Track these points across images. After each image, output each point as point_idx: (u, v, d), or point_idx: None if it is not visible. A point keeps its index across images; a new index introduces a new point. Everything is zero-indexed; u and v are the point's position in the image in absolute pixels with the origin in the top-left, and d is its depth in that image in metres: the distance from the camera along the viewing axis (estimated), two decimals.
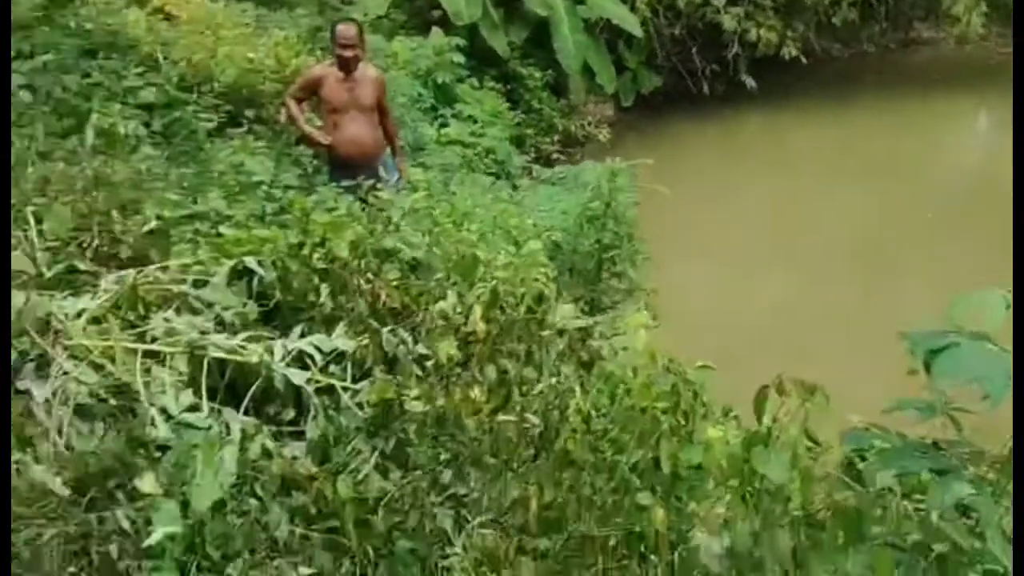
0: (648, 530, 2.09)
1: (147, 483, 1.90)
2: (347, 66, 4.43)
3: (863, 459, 2.64)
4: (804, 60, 9.85)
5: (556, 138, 7.41)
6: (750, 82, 9.67)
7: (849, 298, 5.51)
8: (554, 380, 2.57)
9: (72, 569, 1.80)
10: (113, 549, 1.79)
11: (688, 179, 7.01)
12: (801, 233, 6.43)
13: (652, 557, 1.94)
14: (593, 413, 2.51)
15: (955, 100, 9.79)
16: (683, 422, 2.60)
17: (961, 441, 1.99)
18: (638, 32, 8.39)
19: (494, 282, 2.74)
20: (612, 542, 2.18)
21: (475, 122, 6.17)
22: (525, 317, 2.67)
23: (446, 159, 5.39)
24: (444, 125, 6.02)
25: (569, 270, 3.79)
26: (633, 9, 8.43)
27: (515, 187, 5.66)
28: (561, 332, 2.74)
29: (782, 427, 2.07)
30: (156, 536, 1.77)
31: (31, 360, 2.51)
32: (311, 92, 4.56)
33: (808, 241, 6.31)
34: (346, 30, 4.45)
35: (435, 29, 6.80)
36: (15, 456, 2.24)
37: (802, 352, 4.64)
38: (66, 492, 1.88)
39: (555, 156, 7.12)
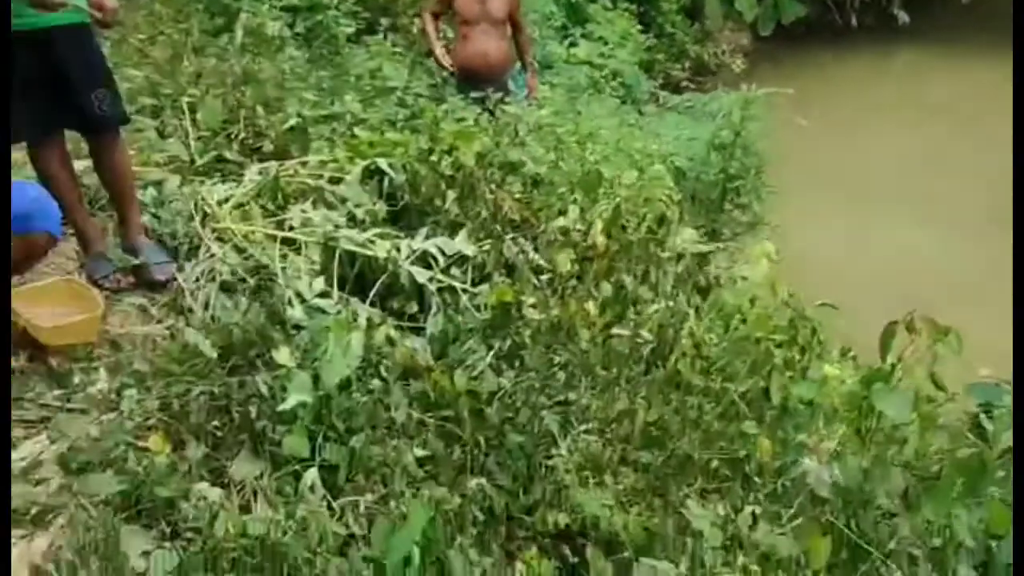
0: (752, 456, 2.10)
1: (283, 355, 2.05)
2: None
3: (988, 414, 2.53)
4: None
5: (687, 65, 7.12)
6: (903, 16, 8.90)
7: (982, 253, 5.11)
8: (670, 303, 2.57)
9: (215, 423, 1.99)
10: (252, 410, 1.96)
11: (824, 116, 6.61)
12: (938, 181, 5.98)
13: (756, 479, 1.95)
14: (706, 339, 2.50)
15: None
16: (798, 357, 2.56)
17: None
18: None
19: (617, 199, 2.73)
20: (713, 464, 2.20)
21: (605, 43, 6.02)
22: (645, 237, 2.66)
23: (573, 79, 5.31)
24: (573, 44, 5.91)
25: (692, 198, 3.71)
26: None
27: (640, 113, 5.53)
28: (680, 256, 2.72)
29: (907, 368, 2.00)
30: (290, 402, 1.92)
31: (183, 241, 2.74)
32: (447, 5, 4.57)
33: (944, 191, 5.87)
34: None
35: None
36: (170, 321, 2.47)
37: (927, 302, 4.39)
38: (214, 354, 2.06)
39: (684, 84, 6.86)
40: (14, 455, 1.93)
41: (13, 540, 1.73)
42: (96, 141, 2.53)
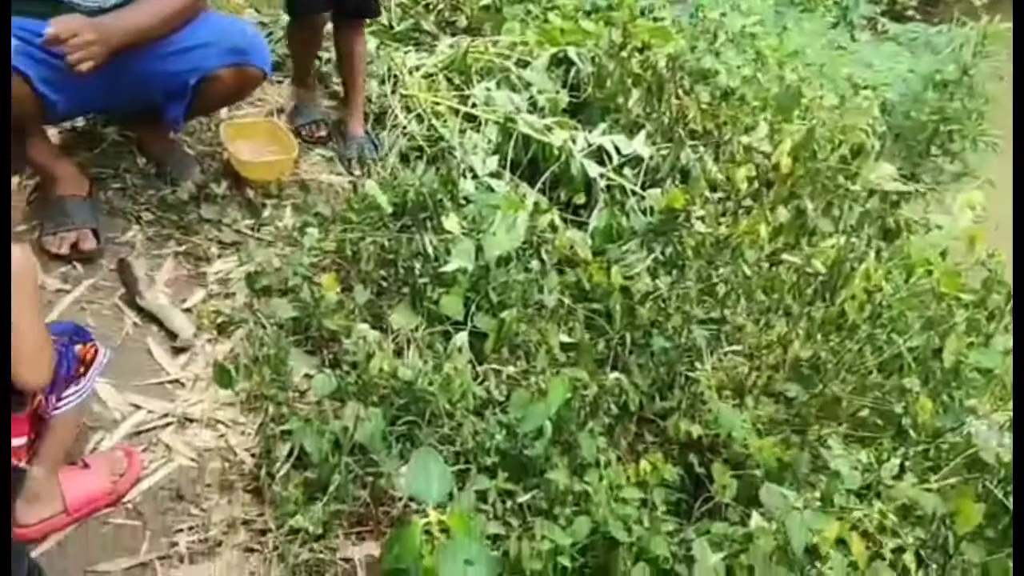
0: (910, 412, 1.98)
1: (451, 222, 2.12)
2: None
3: None
4: None
5: None
6: None
7: None
8: (851, 239, 2.41)
9: (382, 273, 2.12)
10: (416, 266, 2.06)
11: None
12: None
13: (912, 433, 1.84)
14: (883, 284, 2.34)
15: None
16: (985, 323, 2.34)
17: None
18: None
19: (814, 122, 2.55)
20: (863, 413, 2.10)
21: None
22: (837, 167, 2.48)
23: None
24: None
25: (895, 136, 3.39)
26: None
27: (853, 38, 5.05)
28: (871, 193, 2.52)
29: None
30: (451, 266, 2.00)
31: (376, 103, 2.84)
32: None
33: None
34: None
35: None
36: (349, 178, 2.61)
37: None
38: (389, 209, 2.16)
39: (910, 12, 6.16)
40: (209, 269, 2.15)
41: (200, 343, 1.96)
42: (342, 25, 2.61)
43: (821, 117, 2.61)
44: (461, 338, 1.94)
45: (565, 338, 2.04)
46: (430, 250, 2.07)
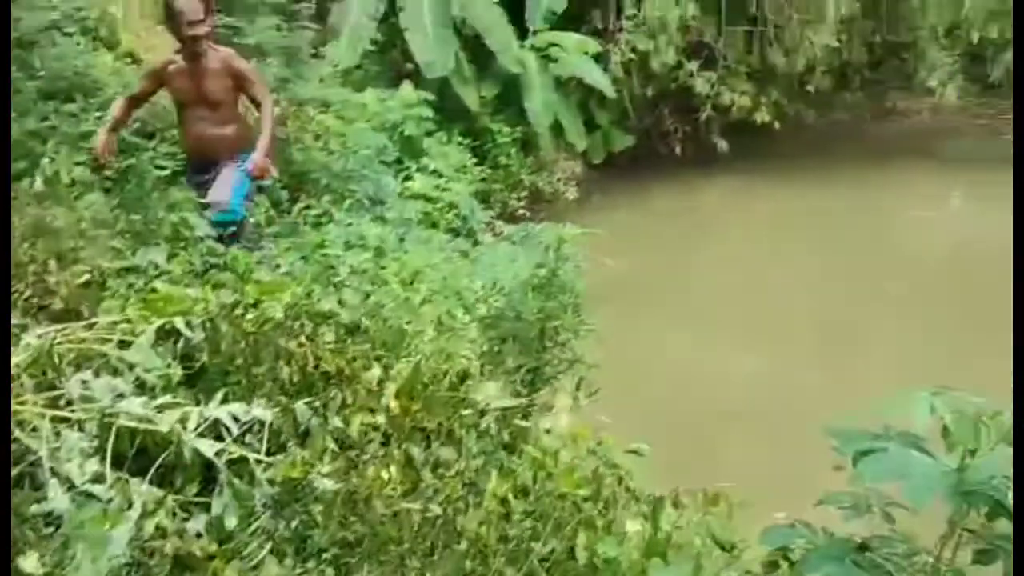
0: None
1: (29, 562, 1.85)
2: (194, 51, 4.03)
3: (789, 560, 2.61)
4: (777, 126, 10.06)
5: (523, 194, 7.46)
6: (722, 144, 9.85)
7: (810, 379, 5.43)
8: (474, 461, 2.55)
9: None
10: None
11: (651, 244, 7.07)
12: (764, 306, 6.42)
13: None
14: (511, 497, 2.48)
15: (929, 172, 9.90)
16: (604, 510, 2.58)
17: (894, 538, 1.93)
18: (610, 92, 8.53)
19: (418, 357, 2.73)
20: None
21: (440, 176, 6.21)
22: (447, 395, 2.66)
23: (406, 213, 5.41)
24: (408, 179, 6.06)
25: (512, 338, 3.80)
26: (606, 69, 8.60)
27: (476, 243, 5.68)
28: (483, 412, 2.72)
29: (686, 535, 2.06)
30: None
31: None
32: (156, 85, 4.26)
33: (770, 315, 6.30)
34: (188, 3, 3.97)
35: (405, 82, 6.89)
36: None
37: (754, 435, 4.63)
38: None
39: (521, 212, 7.16)
40: None
41: None
42: None
43: (423, 351, 2.81)
44: None
45: None
46: None
